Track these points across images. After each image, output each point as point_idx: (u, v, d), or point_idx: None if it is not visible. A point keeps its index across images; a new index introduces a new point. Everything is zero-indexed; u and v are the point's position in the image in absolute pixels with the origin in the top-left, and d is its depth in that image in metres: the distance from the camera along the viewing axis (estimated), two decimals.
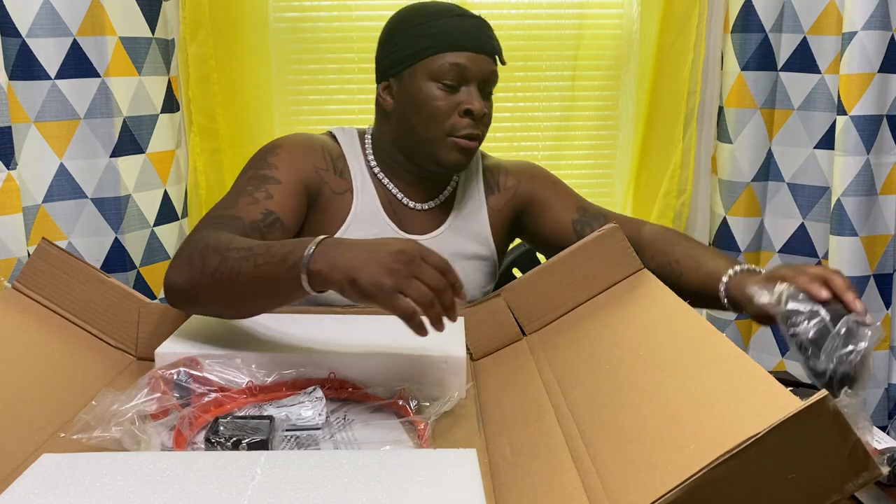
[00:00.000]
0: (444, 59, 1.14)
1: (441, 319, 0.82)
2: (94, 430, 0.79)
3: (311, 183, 1.15)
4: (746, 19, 1.76)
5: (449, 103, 1.14)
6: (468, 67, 1.14)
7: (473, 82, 1.15)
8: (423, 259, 0.82)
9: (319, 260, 0.83)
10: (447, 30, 1.14)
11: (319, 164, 1.17)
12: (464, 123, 1.15)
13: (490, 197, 1.28)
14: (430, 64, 1.14)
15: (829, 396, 0.54)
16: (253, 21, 1.80)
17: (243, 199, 1.07)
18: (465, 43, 1.14)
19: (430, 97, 1.14)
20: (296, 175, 1.13)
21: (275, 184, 1.10)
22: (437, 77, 1.14)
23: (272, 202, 1.07)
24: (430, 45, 1.14)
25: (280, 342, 0.98)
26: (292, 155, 1.15)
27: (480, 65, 1.15)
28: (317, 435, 0.83)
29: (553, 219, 1.27)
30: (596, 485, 0.65)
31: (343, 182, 1.19)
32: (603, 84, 1.97)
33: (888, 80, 1.67)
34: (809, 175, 1.81)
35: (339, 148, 1.22)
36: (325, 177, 1.17)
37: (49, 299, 1.01)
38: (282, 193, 1.09)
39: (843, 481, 0.55)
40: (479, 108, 1.14)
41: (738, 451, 0.54)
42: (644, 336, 0.86)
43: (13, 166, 1.39)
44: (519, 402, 0.89)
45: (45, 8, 1.44)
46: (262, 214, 1.05)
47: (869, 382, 0.83)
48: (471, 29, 1.16)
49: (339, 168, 1.20)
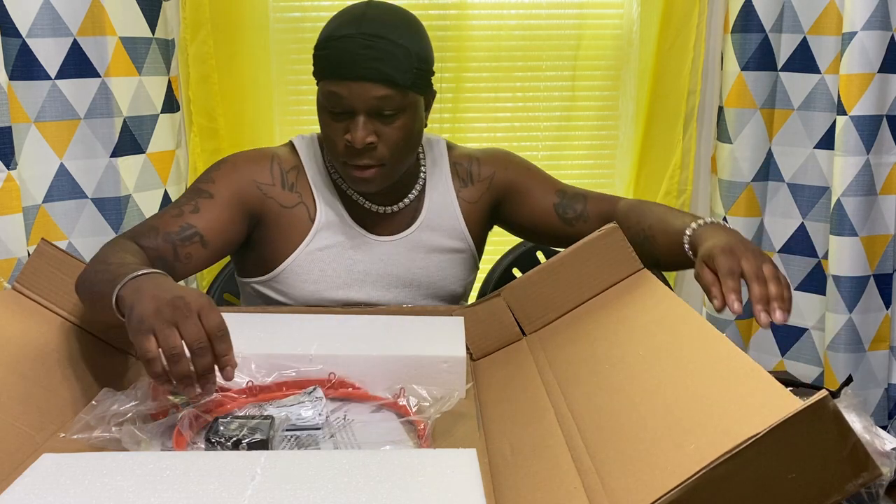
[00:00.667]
0: (326, 88, 1.09)
1: (186, 378, 0.74)
2: (94, 430, 0.79)
3: (251, 199, 1.14)
4: (746, 19, 1.76)
5: (336, 130, 1.10)
6: (343, 97, 1.07)
7: (360, 113, 1.07)
8: (199, 316, 0.75)
9: (129, 287, 0.81)
10: (327, 55, 1.08)
11: (263, 180, 1.16)
12: (350, 152, 1.10)
13: (462, 190, 1.26)
14: (320, 88, 1.11)
15: (828, 397, 0.54)
16: (253, 21, 1.80)
17: (171, 211, 1.09)
18: (341, 71, 1.06)
19: (323, 123, 1.12)
20: (231, 191, 1.12)
21: (206, 198, 1.10)
22: (323, 103, 1.10)
23: (196, 216, 1.08)
24: (317, 70, 1.11)
25: (280, 342, 0.98)
26: (233, 170, 1.15)
27: (361, 91, 1.06)
28: (317, 435, 0.83)
29: (534, 205, 1.25)
30: (596, 484, 0.65)
31: (292, 196, 1.17)
32: (603, 84, 1.97)
33: (888, 80, 1.67)
34: (809, 175, 1.81)
35: (297, 158, 1.20)
36: (268, 192, 1.16)
37: (49, 299, 1.00)
38: (211, 208, 1.09)
39: (843, 481, 0.55)
40: (360, 139, 1.07)
41: (739, 451, 0.54)
42: (644, 336, 0.86)
43: (13, 166, 1.40)
44: (519, 401, 0.89)
45: (45, 8, 1.44)
46: (179, 227, 1.06)
47: None
48: (350, 54, 1.06)
49: (288, 181, 1.18)
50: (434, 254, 1.22)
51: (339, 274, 1.17)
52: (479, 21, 1.89)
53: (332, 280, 1.17)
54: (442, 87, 1.88)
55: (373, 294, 1.19)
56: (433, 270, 1.23)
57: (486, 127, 1.94)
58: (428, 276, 1.22)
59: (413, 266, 1.21)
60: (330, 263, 1.17)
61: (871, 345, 1.77)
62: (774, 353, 1.91)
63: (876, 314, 1.77)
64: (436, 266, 1.23)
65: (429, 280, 1.23)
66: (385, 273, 1.20)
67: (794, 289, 1.87)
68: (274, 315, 1.08)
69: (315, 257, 1.17)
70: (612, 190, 2.03)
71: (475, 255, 1.29)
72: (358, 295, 1.18)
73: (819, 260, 1.83)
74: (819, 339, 1.84)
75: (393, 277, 1.20)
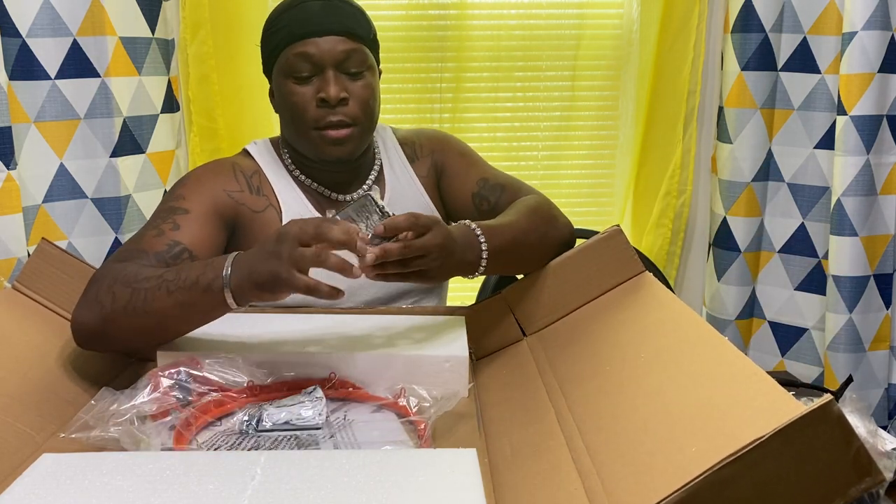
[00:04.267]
0: (289, 52, 1.10)
1: (347, 267, 0.84)
2: (92, 429, 0.79)
3: (225, 207, 1.13)
4: (746, 19, 1.75)
5: (305, 97, 1.11)
6: (313, 54, 1.09)
7: (328, 68, 1.10)
8: (301, 228, 0.84)
9: (235, 276, 0.87)
10: (289, 22, 1.11)
11: (231, 187, 1.15)
12: (322, 113, 1.11)
13: (413, 165, 1.27)
14: (282, 61, 1.12)
15: (833, 401, 0.53)
16: (253, 21, 1.80)
17: (150, 232, 1.05)
18: (306, 29, 1.10)
19: (288, 94, 1.12)
20: (204, 203, 1.11)
21: (182, 214, 1.08)
22: (288, 72, 1.11)
23: (178, 233, 1.06)
24: (276, 42, 1.12)
25: (280, 342, 0.98)
26: (200, 183, 1.13)
27: (329, 46, 1.09)
28: (317, 435, 0.83)
29: (457, 191, 1.26)
30: (596, 486, 0.64)
31: (260, 199, 1.17)
32: (603, 84, 1.97)
33: (888, 80, 1.67)
34: (809, 175, 1.81)
35: (255, 163, 1.20)
36: (239, 198, 1.15)
37: (49, 299, 1.01)
38: (190, 223, 1.07)
39: (847, 486, 0.55)
40: (334, 93, 1.09)
41: (741, 454, 0.54)
42: (645, 338, 0.86)
43: (13, 166, 1.39)
44: (519, 402, 0.89)
45: (45, 8, 1.44)
46: (167, 246, 1.04)
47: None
48: (312, 13, 1.10)
49: (254, 185, 1.17)
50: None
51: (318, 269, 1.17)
52: (479, 21, 1.88)
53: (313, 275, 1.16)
54: (442, 87, 1.88)
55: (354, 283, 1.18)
56: None
57: (486, 127, 1.94)
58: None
59: None
60: None
61: (871, 345, 1.77)
62: (774, 354, 1.91)
63: (876, 314, 1.77)
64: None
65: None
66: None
67: (794, 289, 1.87)
68: (274, 315, 1.08)
69: None
70: (611, 190, 2.03)
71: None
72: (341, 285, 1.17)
73: (819, 260, 1.83)
74: (819, 339, 1.84)
75: None
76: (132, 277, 0.92)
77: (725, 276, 1.88)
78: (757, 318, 1.92)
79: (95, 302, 0.92)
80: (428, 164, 1.28)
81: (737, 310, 1.90)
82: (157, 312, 0.90)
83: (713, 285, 1.91)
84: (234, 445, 0.81)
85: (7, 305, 0.97)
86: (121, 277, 0.93)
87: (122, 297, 0.91)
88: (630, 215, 2.01)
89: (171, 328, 0.94)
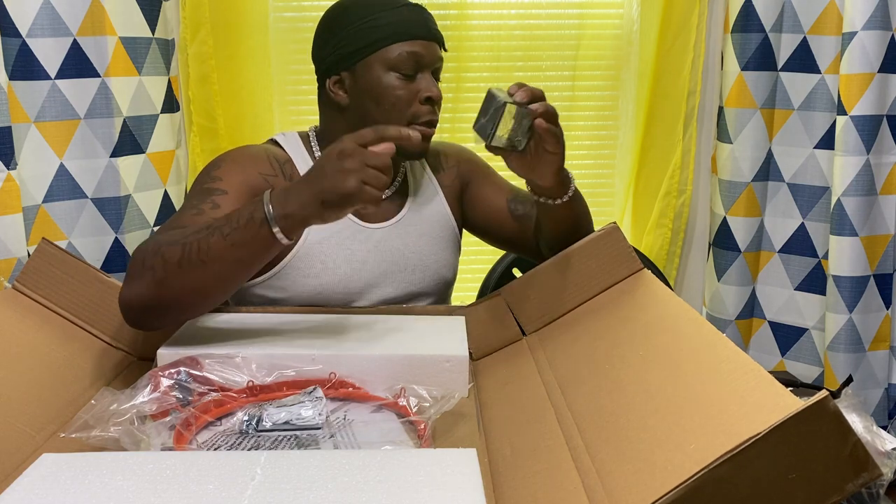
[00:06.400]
0: (401, 49, 1.14)
1: (405, 135, 0.91)
2: (92, 429, 0.79)
3: (260, 190, 1.11)
4: (746, 19, 1.76)
5: (409, 92, 1.15)
6: (423, 55, 1.15)
7: (428, 69, 1.17)
8: (359, 143, 0.88)
9: (283, 206, 0.89)
10: (399, 19, 1.15)
11: (266, 171, 1.16)
12: (424, 110, 1.16)
13: (437, 175, 1.31)
14: (386, 54, 1.15)
15: (829, 397, 0.54)
16: (253, 21, 1.80)
17: (189, 212, 1.05)
18: (417, 32, 1.16)
19: (390, 87, 1.15)
20: (242, 184, 1.11)
21: (220, 194, 1.09)
22: (394, 67, 1.15)
23: (219, 211, 1.05)
24: (384, 35, 1.15)
25: (280, 342, 0.98)
26: (236, 165, 1.14)
27: (432, 52, 1.17)
28: (317, 435, 0.83)
29: (489, 198, 1.30)
30: (596, 484, 0.65)
31: None
32: (603, 84, 1.97)
33: (888, 80, 1.67)
34: (809, 175, 1.81)
35: (286, 153, 1.21)
36: (274, 182, 1.16)
37: (49, 299, 1.01)
38: (229, 203, 1.08)
39: (844, 481, 0.55)
40: (438, 94, 1.17)
41: (739, 451, 0.54)
42: (644, 336, 0.86)
43: (13, 166, 1.39)
44: (519, 402, 0.89)
45: (45, 8, 1.44)
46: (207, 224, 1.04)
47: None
48: (420, 18, 1.17)
49: (287, 173, 1.19)
50: (424, 237, 1.25)
51: (339, 265, 1.18)
52: (479, 21, 1.89)
53: (332, 272, 1.17)
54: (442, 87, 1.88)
55: (372, 282, 1.19)
56: (426, 253, 1.25)
57: None
58: (421, 259, 1.24)
59: (407, 251, 1.23)
60: (329, 255, 1.17)
61: (871, 345, 1.77)
62: (774, 353, 1.91)
63: (876, 314, 1.77)
64: (428, 249, 1.25)
65: (423, 264, 1.24)
66: (381, 260, 1.21)
67: (794, 289, 1.87)
68: (274, 315, 1.08)
69: (314, 250, 1.17)
70: (611, 190, 2.03)
71: (458, 237, 1.33)
72: (357, 285, 1.18)
73: (819, 260, 1.83)
74: (819, 339, 1.84)
75: (389, 264, 1.21)
76: (178, 238, 0.92)
77: (725, 276, 1.88)
78: (757, 318, 1.92)
79: (144, 270, 0.92)
80: (453, 174, 1.32)
81: (737, 310, 1.90)
82: (214, 260, 0.90)
83: (713, 285, 1.91)
84: (234, 445, 0.81)
85: (7, 305, 0.97)
86: (166, 242, 0.93)
87: (173, 255, 0.91)
88: (630, 215, 2.01)
89: (227, 277, 0.93)
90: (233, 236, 0.90)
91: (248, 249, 0.90)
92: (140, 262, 0.93)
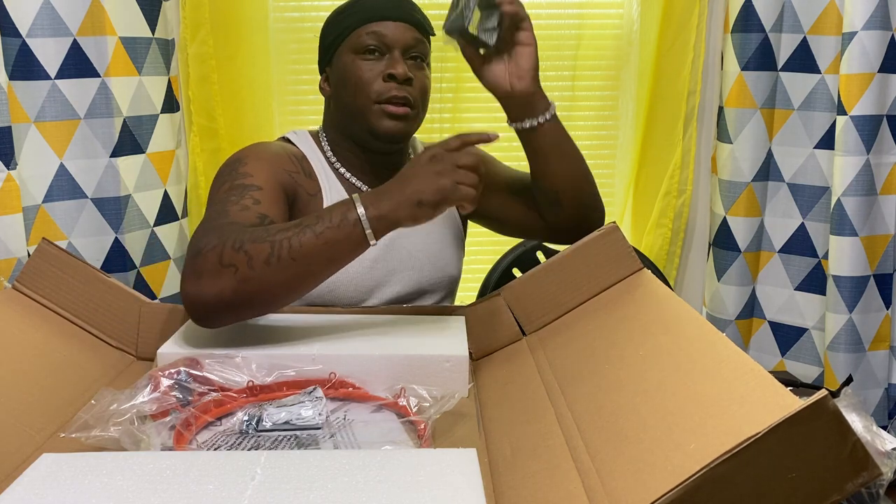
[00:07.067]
0: (363, 31, 1.17)
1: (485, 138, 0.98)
2: (92, 429, 0.79)
3: (288, 186, 1.14)
4: (746, 19, 1.76)
5: (373, 71, 1.16)
6: (386, 34, 1.16)
7: (396, 49, 1.17)
8: (447, 149, 0.95)
9: (377, 207, 0.92)
10: (362, 6, 1.18)
11: (290, 168, 1.17)
12: (388, 87, 1.16)
13: None
14: (353, 39, 1.17)
15: (828, 396, 0.54)
16: (253, 21, 1.81)
17: (232, 208, 1.02)
18: (382, 13, 1.17)
19: (355, 69, 1.17)
20: (273, 179, 1.11)
21: (256, 190, 1.07)
22: (358, 49, 1.17)
23: (261, 206, 1.04)
24: (351, 22, 1.18)
25: (280, 342, 0.98)
26: (262, 162, 1.13)
27: (401, 32, 1.17)
28: (317, 435, 0.83)
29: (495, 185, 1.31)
30: (596, 484, 0.65)
31: (313, 183, 1.19)
32: (603, 84, 1.97)
33: (888, 80, 1.67)
34: (809, 175, 1.81)
35: (300, 150, 1.23)
36: (297, 179, 1.17)
37: (49, 299, 1.01)
38: (267, 198, 1.07)
39: (843, 481, 0.55)
40: (402, 71, 1.15)
41: (738, 450, 0.54)
42: (644, 336, 0.86)
43: (13, 166, 1.40)
44: (519, 401, 0.89)
45: (45, 8, 1.44)
46: (258, 218, 1.02)
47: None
48: (388, 1, 1.19)
49: (306, 170, 1.20)
50: (430, 234, 1.26)
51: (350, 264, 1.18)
52: None
53: (344, 271, 1.17)
54: (442, 87, 1.88)
55: (382, 281, 1.20)
56: (434, 250, 1.26)
57: (486, 127, 1.93)
58: (429, 257, 1.25)
59: (414, 249, 1.24)
60: None
61: (871, 345, 1.77)
62: (774, 353, 1.91)
63: (876, 314, 1.77)
64: (435, 246, 1.26)
65: (430, 261, 1.26)
66: (391, 259, 1.22)
67: (794, 289, 1.87)
68: (274, 315, 1.08)
69: None
70: (611, 190, 2.03)
71: (462, 235, 1.35)
72: (368, 284, 1.19)
73: (819, 260, 1.83)
74: (819, 339, 1.84)
75: (398, 262, 1.22)
76: (261, 235, 0.92)
77: (725, 276, 1.88)
78: (757, 318, 1.92)
79: (223, 267, 0.91)
80: None
81: (737, 310, 1.90)
82: (305, 257, 0.91)
83: (713, 285, 1.91)
84: (234, 445, 0.81)
85: (7, 305, 0.97)
86: (247, 237, 0.92)
87: (259, 252, 0.90)
88: (630, 215, 2.01)
89: (316, 274, 0.94)
90: (325, 235, 0.91)
91: (340, 249, 0.93)
92: (214, 259, 0.91)
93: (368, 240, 0.92)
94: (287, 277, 0.92)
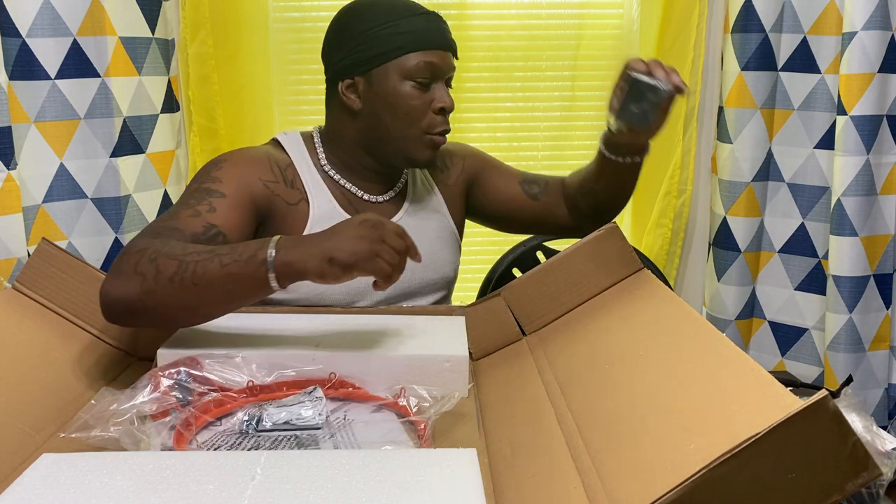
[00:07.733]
0: (419, 59, 1.15)
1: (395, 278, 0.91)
2: (92, 429, 0.79)
3: (260, 197, 1.13)
4: (746, 19, 1.76)
5: (423, 102, 1.17)
6: (438, 65, 1.17)
7: (442, 79, 1.18)
8: (383, 225, 0.90)
9: (287, 253, 0.88)
10: (418, 28, 1.16)
11: (267, 178, 1.16)
12: (439, 121, 1.18)
13: (438, 175, 1.33)
14: (404, 63, 1.15)
15: (828, 396, 0.54)
16: (253, 21, 1.80)
17: (185, 211, 1.04)
18: (435, 41, 1.17)
19: (405, 96, 1.16)
20: (241, 189, 1.11)
21: (218, 197, 1.08)
22: (411, 76, 1.15)
23: (214, 215, 1.05)
24: (403, 43, 1.15)
25: (280, 342, 0.98)
26: (237, 169, 1.13)
27: (447, 62, 1.19)
28: (317, 435, 0.83)
29: (502, 184, 1.35)
30: (596, 484, 0.65)
31: (295, 192, 1.18)
32: (603, 84, 1.96)
33: (888, 80, 1.67)
34: (809, 175, 1.81)
35: (287, 155, 1.21)
36: (275, 189, 1.16)
37: (49, 299, 1.01)
38: (225, 207, 1.07)
39: (843, 481, 0.55)
40: (451, 104, 1.19)
41: (738, 450, 0.54)
42: (644, 336, 0.86)
43: (13, 166, 1.40)
44: (519, 402, 0.89)
45: (45, 8, 1.44)
46: (203, 227, 1.03)
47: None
48: (438, 28, 1.19)
49: (289, 178, 1.18)
50: (424, 238, 1.25)
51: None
52: (479, 21, 1.89)
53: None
54: None
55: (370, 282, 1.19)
56: (425, 253, 1.24)
57: (486, 127, 1.94)
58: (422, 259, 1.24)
59: None
60: None
61: (871, 345, 1.77)
62: (774, 353, 1.91)
63: (876, 314, 1.77)
64: (428, 249, 1.25)
65: (422, 263, 1.23)
66: None
67: (794, 289, 1.87)
68: (274, 315, 1.08)
69: None
70: None
71: (458, 237, 1.35)
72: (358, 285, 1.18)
73: (819, 260, 1.83)
74: (819, 339, 1.84)
75: None
76: (178, 251, 0.92)
77: (725, 276, 1.88)
78: (757, 318, 1.92)
79: (135, 273, 0.91)
80: (458, 171, 1.35)
81: (737, 310, 1.90)
82: (206, 285, 0.89)
83: (713, 285, 1.91)
84: (234, 445, 0.81)
85: (7, 305, 0.97)
86: (164, 250, 0.92)
87: (167, 268, 0.90)
88: (630, 215, 2.01)
89: (215, 304, 0.93)
90: (230, 268, 0.89)
91: (241, 285, 0.90)
92: (133, 263, 0.92)
93: (270, 283, 0.88)
94: (186, 301, 0.90)
